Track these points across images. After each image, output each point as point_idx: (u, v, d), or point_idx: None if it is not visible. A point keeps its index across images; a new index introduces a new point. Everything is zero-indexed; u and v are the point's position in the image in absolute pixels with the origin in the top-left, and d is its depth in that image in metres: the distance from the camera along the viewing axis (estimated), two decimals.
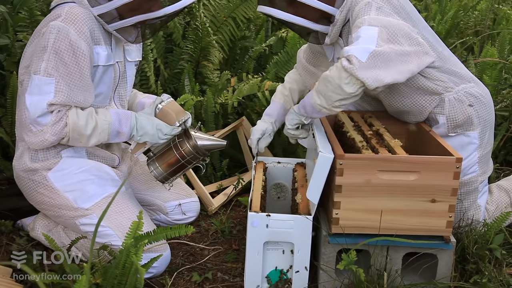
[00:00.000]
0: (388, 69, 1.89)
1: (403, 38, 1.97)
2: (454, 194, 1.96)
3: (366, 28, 1.94)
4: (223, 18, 3.34)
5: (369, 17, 1.99)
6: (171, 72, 3.26)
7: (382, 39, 1.91)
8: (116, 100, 2.27)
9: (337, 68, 1.90)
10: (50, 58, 1.96)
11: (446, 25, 4.34)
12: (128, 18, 2.07)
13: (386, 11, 2.04)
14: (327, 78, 1.93)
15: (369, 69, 1.85)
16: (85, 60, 2.01)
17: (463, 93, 2.24)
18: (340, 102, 1.95)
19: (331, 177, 1.97)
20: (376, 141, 2.17)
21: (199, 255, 2.39)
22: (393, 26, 1.97)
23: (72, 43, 1.97)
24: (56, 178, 2.13)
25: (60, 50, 1.96)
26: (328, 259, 2.04)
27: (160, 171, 2.26)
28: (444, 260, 2.02)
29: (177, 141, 2.22)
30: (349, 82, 1.88)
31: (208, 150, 2.27)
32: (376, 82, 1.87)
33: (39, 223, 2.32)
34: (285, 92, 2.51)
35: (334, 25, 2.16)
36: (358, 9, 2.06)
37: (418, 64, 2.00)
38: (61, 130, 2.00)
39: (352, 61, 1.85)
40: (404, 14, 2.10)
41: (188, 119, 2.26)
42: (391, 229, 1.98)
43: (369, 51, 1.86)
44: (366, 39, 1.90)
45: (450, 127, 2.26)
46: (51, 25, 1.98)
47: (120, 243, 1.99)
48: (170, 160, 2.24)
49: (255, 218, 1.99)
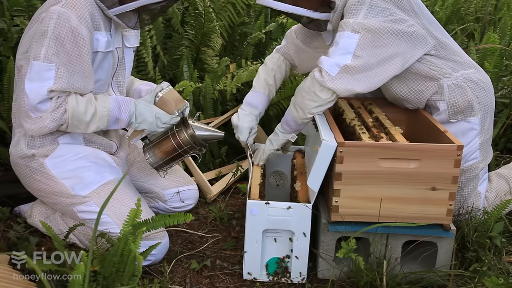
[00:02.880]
0: (361, 81, 2.03)
1: (389, 39, 2.03)
2: (454, 182, 1.95)
3: (347, 35, 2.02)
4: (222, 3, 3.30)
5: (354, 21, 2.01)
6: (170, 58, 3.23)
7: (362, 47, 2.01)
8: (114, 86, 2.24)
9: (311, 78, 2.08)
10: (51, 44, 1.93)
11: (446, 11, 4.30)
12: (130, 3, 2.04)
13: (380, 8, 2.02)
14: (303, 89, 2.11)
15: (339, 81, 2.02)
16: (86, 46, 1.98)
17: (462, 79, 2.22)
18: (317, 108, 2.11)
19: (331, 165, 1.96)
20: (377, 128, 2.15)
21: (198, 242, 2.38)
22: (378, 29, 2.01)
23: (73, 29, 1.94)
24: (53, 165, 2.11)
25: (60, 35, 1.93)
26: (328, 247, 2.03)
27: (156, 159, 2.25)
28: (444, 248, 2.01)
29: (175, 130, 2.21)
30: (322, 90, 2.06)
31: (205, 140, 2.25)
32: (346, 92, 2.04)
33: (37, 210, 2.31)
34: (269, 80, 2.43)
35: (335, 11, 2.13)
36: (350, 3, 2.05)
37: (404, 63, 2.10)
38: (60, 116, 1.97)
39: (322, 74, 2.03)
40: (405, 2, 2.07)
41: (187, 108, 2.24)
42: (391, 217, 1.97)
43: (339, 65, 2.00)
44: (342, 49, 2.02)
45: (451, 114, 2.24)
46: (51, 10, 1.94)
47: (118, 230, 1.97)
48: (167, 148, 2.23)
49: (254, 206, 1.98)
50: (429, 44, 2.12)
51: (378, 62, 2.02)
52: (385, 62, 2.03)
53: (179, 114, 2.19)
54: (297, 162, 2.40)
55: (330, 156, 1.93)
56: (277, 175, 2.53)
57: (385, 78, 2.07)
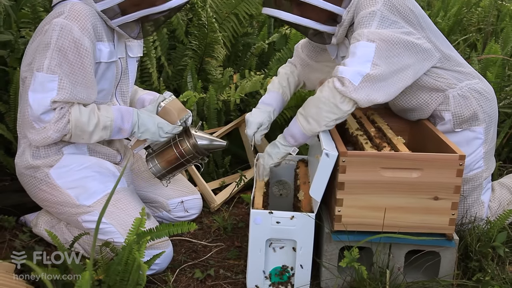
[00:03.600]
0: (380, 90, 1.99)
1: (402, 50, 2.01)
2: (457, 191, 1.95)
3: (364, 45, 1.98)
4: (226, 14, 3.32)
5: (368, 30, 1.99)
6: (174, 69, 3.25)
7: (379, 56, 1.97)
8: (118, 96, 2.26)
9: (330, 89, 1.98)
10: (53, 55, 1.96)
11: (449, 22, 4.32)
12: (131, 13, 2.06)
13: (390, 20, 2.02)
14: (320, 100, 2.00)
15: (362, 90, 1.95)
16: (88, 57, 2.00)
17: (467, 89, 2.24)
18: (335, 121, 2.03)
19: (333, 174, 1.96)
20: (379, 138, 2.16)
21: (202, 252, 2.38)
22: (392, 39, 1.99)
23: (76, 40, 1.96)
24: (58, 175, 2.12)
25: (63, 47, 1.96)
26: (331, 257, 2.03)
27: (159, 168, 2.27)
28: (447, 258, 2.01)
29: (177, 140, 2.22)
30: (343, 101, 1.97)
31: (208, 150, 2.26)
32: (368, 102, 1.97)
33: (42, 219, 2.32)
34: (283, 82, 2.44)
35: (341, 25, 2.14)
36: (362, 16, 2.04)
37: (414, 75, 2.09)
38: (64, 127, 1.99)
39: (345, 83, 1.95)
40: (413, 17, 2.08)
41: (189, 117, 2.26)
42: (393, 227, 1.97)
43: (362, 74, 1.94)
44: (361, 58, 1.96)
45: (456, 123, 2.25)
46: (54, 22, 1.97)
47: (122, 240, 1.98)
48: (170, 158, 2.24)
49: (257, 216, 1.99)
50: (435, 58, 2.13)
51: (393, 72, 2.00)
52: (399, 72, 2.02)
53: (181, 123, 2.21)
54: (300, 171, 2.41)
55: (331, 165, 1.94)
56: (280, 184, 2.53)
57: (399, 88, 2.04)
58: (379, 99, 1.98)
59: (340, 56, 2.29)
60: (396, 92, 2.04)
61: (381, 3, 2.02)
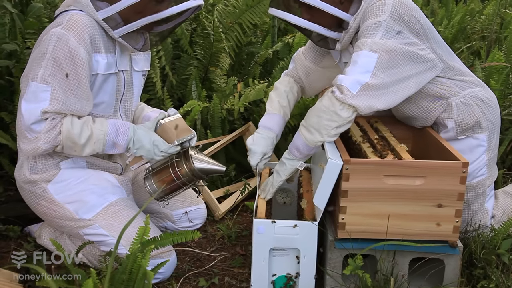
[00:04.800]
0: (380, 98, 1.99)
1: (405, 61, 2.02)
2: (460, 198, 1.95)
3: (366, 54, 1.98)
4: (230, 24, 3.35)
5: (372, 41, 2.00)
6: (179, 78, 3.27)
7: (380, 67, 1.97)
8: (121, 110, 2.23)
9: (329, 97, 1.99)
10: (48, 65, 1.95)
11: (452, 29, 4.33)
12: (133, 22, 2.03)
13: (395, 31, 2.02)
14: (319, 109, 2.01)
15: (360, 98, 1.95)
16: (84, 67, 1.98)
17: (469, 97, 2.24)
18: (336, 130, 2.02)
19: (337, 182, 1.97)
20: (382, 146, 2.16)
21: (206, 260, 2.39)
22: (395, 50, 2.00)
23: (71, 51, 1.95)
24: (55, 190, 2.12)
25: (58, 57, 1.94)
26: (335, 264, 2.03)
27: (154, 188, 2.18)
28: (451, 265, 2.00)
29: (175, 160, 2.15)
30: (342, 108, 1.97)
31: (205, 173, 2.18)
32: (367, 109, 1.97)
33: (45, 230, 2.32)
34: (283, 102, 2.38)
35: (347, 32, 2.14)
36: (367, 25, 2.04)
37: (417, 85, 2.08)
38: (54, 138, 1.97)
39: (343, 91, 1.95)
40: (418, 27, 2.09)
41: (193, 138, 2.19)
42: (397, 234, 1.97)
43: (360, 83, 1.95)
44: (362, 68, 1.97)
45: (459, 131, 2.26)
46: (51, 32, 1.96)
47: (125, 251, 1.97)
48: (166, 178, 2.17)
49: (260, 225, 1.99)
50: (438, 68, 2.14)
51: (394, 82, 2.01)
52: (400, 82, 2.02)
53: (179, 144, 2.13)
54: (304, 179, 2.41)
55: (336, 174, 1.94)
56: (284, 192, 2.53)
57: (401, 97, 2.04)
58: (379, 106, 1.98)
59: (343, 61, 2.30)
60: (398, 100, 2.04)
61: (387, 14, 2.02)
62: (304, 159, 2.14)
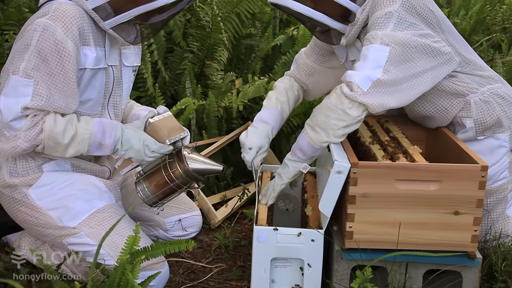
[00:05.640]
0: (393, 94, 2.00)
1: (419, 54, 2.03)
2: (479, 205, 1.95)
3: (377, 48, 1.99)
4: (226, 14, 3.33)
5: (383, 33, 2.01)
6: (171, 74, 3.27)
7: (392, 61, 1.99)
8: (110, 108, 2.23)
9: (337, 95, 2.01)
10: (31, 58, 1.93)
11: (470, 21, 4.33)
12: (125, 12, 2.02)
13: (408, 22, 2.03)
14: (327, 107, 2.02)
15: (371, 95, 1.96)
16: (71, 61, 1.97)
17: (489, 93, 2.25)
18: (344, 130, 2.03)
19: (344, 187, 1.97)
20: (393, 147, 2.17)
21: (201, 272, 2.39)
22: (408, 43, 2.01)
23: (58, 43, 1.94)
24: (37, 195, 2.10)
25: (43, 49, 1.93)
26: (342, 277, 2.03)
27: (147, 193, 2.17)
28: (469, 278, 2.00)
29: (167, 162, 2.15)
30: (352, 107, 1.98)
31: (201, 174, 2.16)
32: (378, 107, 1.98)
33: (25, 240, 2.31)
34: (281, 98, 2.39)
35: (354, 24, 2.14)
36: (377, 16, 2.04)
37: (433, 80, 2.09)
38: (35, 136, 1.96)
39: (353, 88, 1.97)
40: (432, 18, 2.09)
41: (186, 137, 2.19)
42: (410, 244, 1.97)
43: (372, 79, 1.97)
44: (373, 62, 1.98)
45: (478, 131, 2.26)
46: (36, 23, 1.95)
47: (113, 262, 1.96)
48: (158, 181, 2.14)
49: (261, 232, 1.99)
50: (455, 62, 2.14)
51: (408, 77, 2.01)
52: (414, 77, 2.03)
53: (172, 143, 2.12)
54: (308, 184, 2.42)
55: (343, 178, 1.94)
56: (287, 198, 2.54)
57: (416, 94, 2.05)
58: (392, 103, 1.99)
59: (350, 60, 2.30)
60: (412, 97, 2.05)
61: (399, 3, 2.03)
62: (308, 161, 2.14)
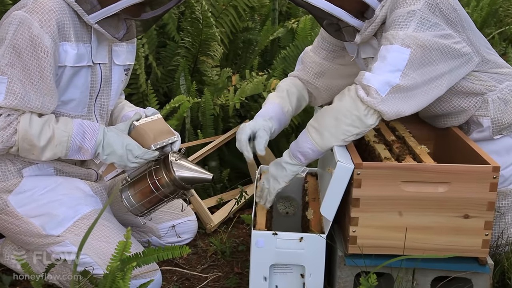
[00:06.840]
0: (410, 100, 2.01)
1: (439, 56, 2.03)
2: (490, 208, 1.95)
3: (397, 49, 1.99)
4: (223, 6, 3.34)
5: (404, 33, 2.00)
6: (164, 69, 3.27)
7: (412, 65, 1.98)
8: (96, 109, 2.21)
9: (352, 98, 1.99)
10: (6, 53, 1.92)
11: (482, 12, 4.34)
12: (111, 4, 2.00)
13: (431, 22, 2.02)
14: (339, 111, 2.01)
15: (389, 102, 1.97)
16: (48, 58, 1.95)
17: (507, 91, 2.25)
18: (355, 136, 2.04)
19: (347, 189, 1.97)
20: (399, 147, 2.17)
21: (196, 280, 2.39)
22: (429, 45, 2.00)
23: (34, 38, 1.92)
24: (18, 202, 2.09)
25: (18, 44, 1.92)
26: (345, 284, 2.03)
27: (132, 202, 2.15)
28: (480, 286, 2.01)
29: (153, 168, 2.11)
30: (367, 113, 1.98)
31: (188, 182, 2.13)
32: (395, 115, 1.99)
33: (8, 248, 2.29)
34: (282, 94, 2.37)
35: (371, 21, 2.12)
36: (399, 14, 2.03)
37: (449, 83, 2.10)
38: (8, 137, 1.95)
39: (371, 93, 1.96)
40: (455, 17, 2.09)
41: (175, 142, 2.16)
42: (417, 249, 1.97)
43: (391, 85, 1.96)
44: (392, 65, 1.98)
45: (496, 130, 2.27)
46: (12, 15, 1.94)
47: (101, 271, 1.94)
48: (144, 189, 2.13)
49: (259, 237, 1.99)
50: (473, 63, 2.15)
51: (426, 81, 2.02)
52: (432, 81, 2.04)
53: (157, 149, 2.10)
54: (309, 186, 2.42)
55: (346, 179, 1.95)
56: (287, 201, 2.54)
57: (431, 99, 2.06)
58: (407, 111, 2.00)
59: (362, 57, 2.29)
60: (427, 102, 2.06)
61: (423, 2, 2.01)
62: (305, 170, 2.12)
